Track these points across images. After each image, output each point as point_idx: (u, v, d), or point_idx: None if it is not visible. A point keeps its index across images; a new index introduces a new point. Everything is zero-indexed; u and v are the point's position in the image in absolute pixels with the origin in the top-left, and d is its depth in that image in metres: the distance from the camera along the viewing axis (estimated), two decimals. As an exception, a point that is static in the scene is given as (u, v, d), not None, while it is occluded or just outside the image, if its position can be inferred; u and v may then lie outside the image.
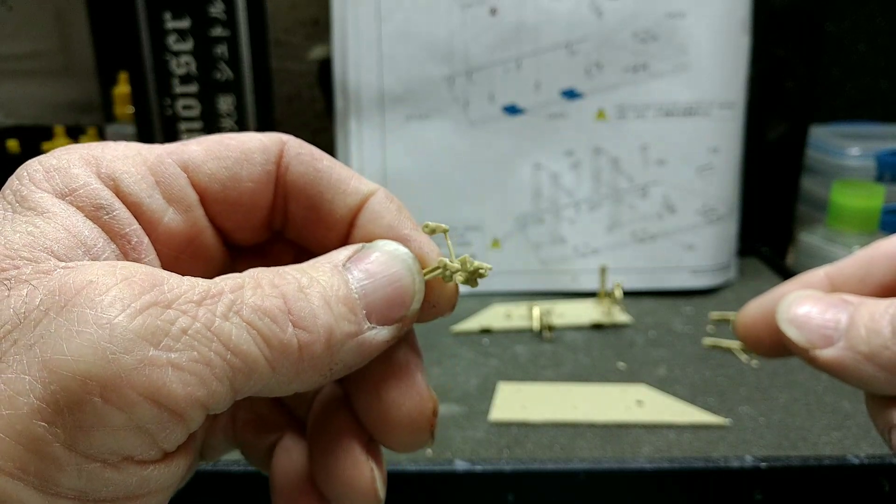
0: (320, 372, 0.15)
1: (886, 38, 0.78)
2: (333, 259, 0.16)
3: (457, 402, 0.36)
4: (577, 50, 0.49)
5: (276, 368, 0.14)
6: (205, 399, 0.13)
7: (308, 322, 0.15)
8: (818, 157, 0.68)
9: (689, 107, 0.50)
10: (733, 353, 0.42)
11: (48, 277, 0.13)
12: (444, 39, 0.49)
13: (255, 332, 0.14)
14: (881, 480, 0.30)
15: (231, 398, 0.14)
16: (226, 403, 0.14)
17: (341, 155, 0.52)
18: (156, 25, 0.52)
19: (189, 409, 0.13)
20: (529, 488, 0.29)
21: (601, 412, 0.35)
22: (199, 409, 0.13)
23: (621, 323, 0.47)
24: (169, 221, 0.17)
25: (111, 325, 0.13)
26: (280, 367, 0.14)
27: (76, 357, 0.12)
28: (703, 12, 0.48)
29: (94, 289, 0.13)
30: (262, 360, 0.14)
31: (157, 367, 0.13)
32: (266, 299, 0.14)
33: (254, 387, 0.14)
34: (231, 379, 0.14)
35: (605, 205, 0.51)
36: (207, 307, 0.14)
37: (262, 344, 0.14)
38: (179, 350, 0.13)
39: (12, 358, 0.12)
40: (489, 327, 0.46)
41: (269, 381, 0.14)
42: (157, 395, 0.13)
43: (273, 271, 0.15)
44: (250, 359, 0.14)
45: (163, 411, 0.13)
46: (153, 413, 0.13)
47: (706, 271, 0.52)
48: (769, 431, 0.34)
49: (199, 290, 0.14)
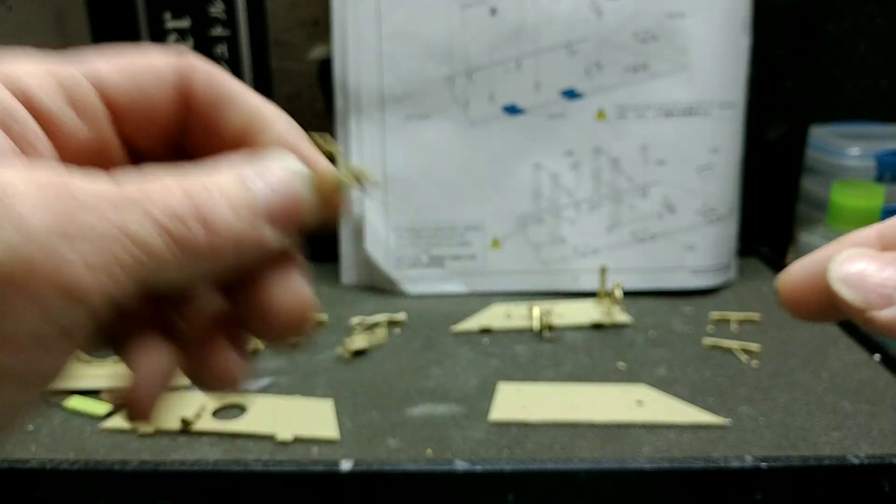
0: (222, 273, 0.17)
1: (886, 38, 0.78)
2: (236, 168, 0.18)
3: (457, 402, 0.36)
4: (577, 50, 0.49)
5: (182, 268, 0.16)
6: (113, 292, 0.15)
7: (218, 226, 0.16)
8: (818, 157, 0.68)
9: (689, 107, 0.50)
10: (733, 353, 0.42)
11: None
12: (444, 39, 0.49)
13: (165, 232, 0.15)
14: (881, 481, 0.30)
15: (137, 293, 0.15)
16: (132, 297, 0.15)
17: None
18: (156, 25, 0.52)
19: (98, 301, 0.15)
20: (529, 488, 0.29)
21: (601, 412, 0.35)
22: (107, 302, 0.15)
23: (621, 323, 0.47)
24: (78, 133, 0.18)
25: (23, 224, 0.14)
26: (187, 266, 0.16)
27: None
28: (704, 12, 0.49)
29: (6, 190, 0.14)
30: (170, 259, 0.15)
31: (68, 262, 0.14)
32: (176, 200, 0.16)
33: (158, 284, 0.16)
34: (138, 275, 0.15)
35: (605, 205, 0.51)
36: (118, 207, 0.15)
37: (171, 244, 0.15)
38: (90, 246, 0.14)
39: None
40: (489, 327, 0.46)
41: (173, 279, 0.16)
42: (67, 287, 0.14)
43: (181, 175, 0.17)
44: (158, 257, 0.15)
45: (72, 302, 0.14)
46: (63, 304, 0.14)
47: (706, 271, 0.52)
48: (769, 431, 0.34)
49: (111, 192, 0.15)
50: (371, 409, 0.36)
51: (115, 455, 0.31)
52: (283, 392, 0.37)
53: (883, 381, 0.39)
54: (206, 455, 0.32)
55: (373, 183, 0.19)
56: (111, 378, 0.38)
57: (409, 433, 0.34)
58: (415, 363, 0.41)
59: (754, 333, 0.45)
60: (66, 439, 0.33)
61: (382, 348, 0.43)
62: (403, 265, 0.52)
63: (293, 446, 0.32)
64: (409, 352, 0.43)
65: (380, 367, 0.40)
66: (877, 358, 0.41)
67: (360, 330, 0.45)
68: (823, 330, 0.45)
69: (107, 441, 0.32)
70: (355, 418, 0.35)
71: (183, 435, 0.33)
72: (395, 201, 0.52)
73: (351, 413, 0.35)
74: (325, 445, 0.32)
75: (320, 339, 0.44)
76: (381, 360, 0.41)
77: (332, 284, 0.53)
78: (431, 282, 0.52)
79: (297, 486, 0.29)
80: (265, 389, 0.38)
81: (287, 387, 0.38)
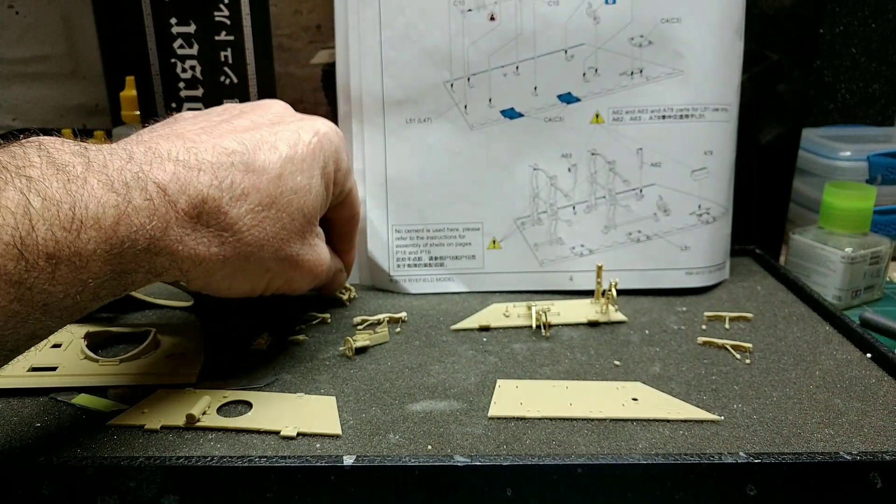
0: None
1: (879, 42, 0.79)
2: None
3: (456, 399, 0.37)
4: (575, 55, 0.50)
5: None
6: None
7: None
8: (811, 158, 0.68)
9: (683, 110, 0.50)
10: (727, 351, 0.43)
11: None
12: (443, 45, 0.50)
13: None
14: (873, 476, 0.30)
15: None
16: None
17: (343, 157, 0.53)
18: (162, 30, 0.52)
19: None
20: (528, 482, 0.30)
21: (597, 408, 0.36)
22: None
23: (617, 321, 0.47)
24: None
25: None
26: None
27: None
28: (698, 17, 0.49)
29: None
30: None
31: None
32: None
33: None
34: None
35: (602, 206, 0.52)
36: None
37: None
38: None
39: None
40: (488, 325, 0.46)
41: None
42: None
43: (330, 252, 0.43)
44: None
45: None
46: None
47: (700, 271, 0.52)
48: (762, 428, 0.34)
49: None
50: (373, 405, 0.36)
51: (122, 451, 0.32)
52: (286, 389, 0.38)
53: (874, 378, 0.39)
54: (211, 450, 0.32)
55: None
56: (118, 377, 0.38)
57: (410, 429, 0.34)
58: (415, 361, 0.42)
59: (747, 332, 0.46)
60: (74, 435, 0.33)
61: (384, 346, 0.44)
62: (404, 265, 0.53)
63: (297, 442, 0.33)
64: (410, 350, 0.43)
65: (381, 365, 0.41)
66: (868, 356, 0.42)
67: (361, 328, 0.46)
68: (815, 328, 0.46)
69: (114, 437, 0.33)
70: (357, 414, 0.35)
71: (189, 431, 0.34)
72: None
73: (353, 409, 0.36)
74: (328, 441, 0.33)
75: (323, 337, 0.45)
76: (382, 358, 0.42)
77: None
78: (432, 281, 0.53)
79: (301, 480, 0.30)
80: (270, 386, 0.38)
81: (291, 384, 0.39)
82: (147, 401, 0.36)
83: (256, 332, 0.44)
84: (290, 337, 0.44)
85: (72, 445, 0.32)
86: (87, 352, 0.40)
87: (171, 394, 0.36)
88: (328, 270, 0.41)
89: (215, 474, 0.30)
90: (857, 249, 0.55)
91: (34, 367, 0.39)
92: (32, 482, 0.29)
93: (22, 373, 0.38)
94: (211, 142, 0.34)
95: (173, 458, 0.30)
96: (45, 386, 0.37)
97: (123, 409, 0.35)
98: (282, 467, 0.29)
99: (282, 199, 0.36)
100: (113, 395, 0.37)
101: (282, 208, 0.36)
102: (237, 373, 0.40)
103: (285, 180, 0.36)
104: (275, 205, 0.35)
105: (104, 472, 0.29)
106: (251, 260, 0.35)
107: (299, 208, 0.37)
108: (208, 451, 0.32)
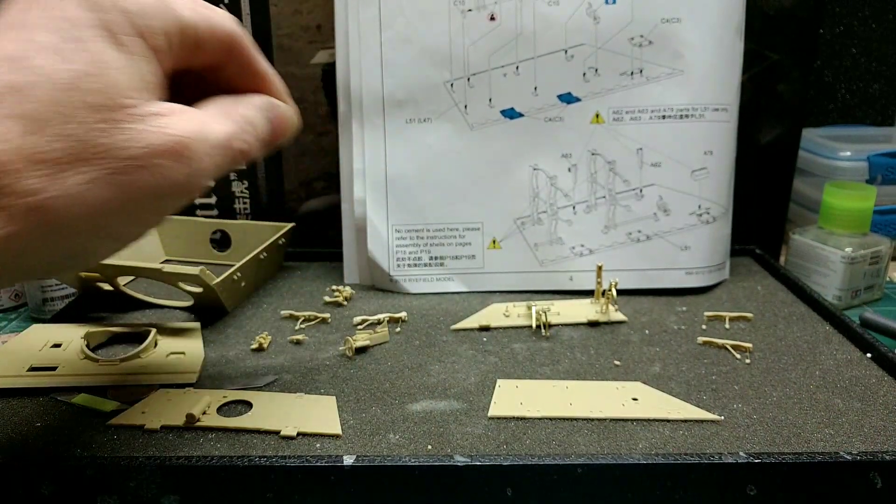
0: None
1: (878, 42, 0.79)
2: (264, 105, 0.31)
3: (456, 399, 0.37)
4: (575, 55, 0.50)
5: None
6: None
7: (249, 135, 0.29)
8: (811, 158, 0.68)
9: (683, 110, 0.50)
10: (727, 350, 0.43)
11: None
12: (444, 45, 0.50)
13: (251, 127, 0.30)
14: (873, 476, 0.30)
15: None
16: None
17: (344, 157, 0.53)
18: (162, 30, 0.52)
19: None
20: (527, 482, 0.30)
21: (597, 408, 0.36)
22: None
23: (617, 321, 0.47)
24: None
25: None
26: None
27: None
28: (698, 17, 0.49)
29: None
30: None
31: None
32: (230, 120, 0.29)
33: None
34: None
35: (602, 206, 0.52)
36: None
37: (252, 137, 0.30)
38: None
39: None
40: (488, 325, 0.46)
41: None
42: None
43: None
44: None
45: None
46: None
47: (700, 271, 0.52)
48: (762, 428, 0.34)
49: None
50: (373, 405, 0.36)
51: (122, 451, 0.32)
52: (287, 389, 0.38)
53: (874, 378, 0.39)
54: (211, 450, 0.32)
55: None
56: (118, 377, 0.38)
57: (410, 429, 0.34)
58: (415, 361, 0.42)
59: (747, 332, 0.46)
60: (74, 435, 0.33)
61: (384, 346, 0.44)
62: (404, 265, 0.53)
63: (297, 442, 0.33)
64: (410, 349, 0.43)
65: (381, 365, 0.41)
66: (868, 356, 0.42)
67: (361, 328, 0.46)
68: (815, 328, 0.46)
69: (114, 437, 0.33)
70: (357, 414, 0.35)
71: (189, 431, 0.34)
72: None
73: (353, 409, 0.36)
74: (328, 440, 0.33)
75: (324, 337, 0.45)
76: (382, 358, 0.42)
77: (335, 284, 0.54)
78: (432, 281, 0.53)
79: (301, 480, 0.30)
80: (269, 386, 0.38)
81: (291, 384, 0.39)
82: (147, 401, 0.36)
83: (256, 332, 0.44)
84: (290, 337, 0.44)
85: (72, 445, 0.32)
86: (87, 352, 0.40)
87: (170, 394, 0.37)
88: (223, 131, 0.27)
89: (215, 474, 0.30)
90: (857, 249, 0.55)
91: (34, 367, 0.39)
92: (32, 482, 0.29)
93: (22, 373, 0.38)
94: None
95: (173, 458, 0.30)
96: (45, 386, 0.37)
97: (123, 409, 0.35)
98: (282, 467, 0.29)
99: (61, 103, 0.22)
100: (113, 395, 0.37)
101: (68, 116, 0.22)
102: (237, 373, 0.40)
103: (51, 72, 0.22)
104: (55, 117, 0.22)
105: (104, 472, 0.29)
106: (56, 225, 0.22)
107: (92, 104, 0.22)
108: (208, 451, 0.32)
